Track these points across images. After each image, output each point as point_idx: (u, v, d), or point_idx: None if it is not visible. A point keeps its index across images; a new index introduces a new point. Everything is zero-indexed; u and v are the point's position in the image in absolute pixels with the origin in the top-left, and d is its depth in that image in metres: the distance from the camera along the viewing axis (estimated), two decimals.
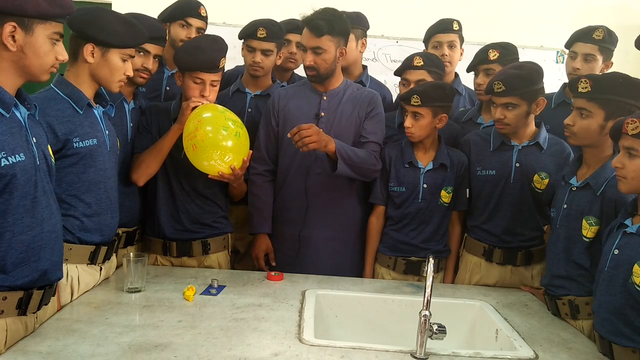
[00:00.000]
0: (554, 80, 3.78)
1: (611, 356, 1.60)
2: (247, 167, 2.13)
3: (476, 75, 2.56)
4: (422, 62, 2.43)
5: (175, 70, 2.61)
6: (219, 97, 2.24)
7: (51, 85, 1.80)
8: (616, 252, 1.61)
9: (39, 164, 1.49)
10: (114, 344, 1.50)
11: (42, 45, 1.45)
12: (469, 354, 1.61)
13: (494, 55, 2.47)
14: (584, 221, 1.86)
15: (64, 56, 1.52)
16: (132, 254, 1.93)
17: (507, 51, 2.49)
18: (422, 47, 2.92)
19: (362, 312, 2.04)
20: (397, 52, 4.08)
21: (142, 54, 2.13)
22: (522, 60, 2.45)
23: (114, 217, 1.93)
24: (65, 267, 1.73)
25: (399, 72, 2.53)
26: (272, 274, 2.18)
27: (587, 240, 1.86)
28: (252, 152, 2.12)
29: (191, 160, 2.04)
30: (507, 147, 2.26)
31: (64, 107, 1.76)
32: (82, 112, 1.78)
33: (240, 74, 2.70)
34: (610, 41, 2.53)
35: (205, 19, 2.64)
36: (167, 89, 2.64)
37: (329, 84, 2.34)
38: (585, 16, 3.90)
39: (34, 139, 1.49)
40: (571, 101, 1.95)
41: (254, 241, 2.43)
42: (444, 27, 2.78)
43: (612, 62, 2.58)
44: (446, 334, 1.55)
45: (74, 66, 1.81)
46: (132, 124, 2.21)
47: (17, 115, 1.46)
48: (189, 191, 2.26)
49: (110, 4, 3.75)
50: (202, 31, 2.62)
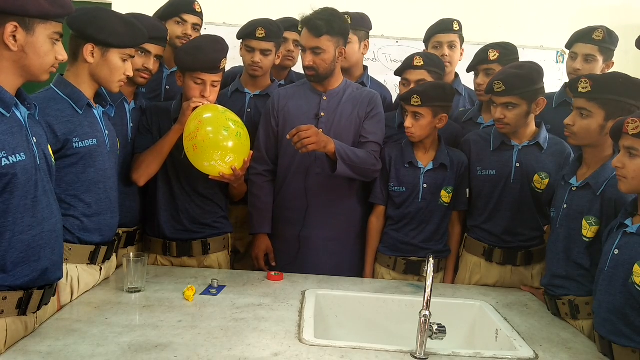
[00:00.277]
0: (554, 80, 3.78)
1: (611, 356, 1.60)
2: (247, 168, 2.13)
3: (476, 75, 2.56)
4: (422, 62, 2.43)
5: (174, 69, 2.62)
6: (218, 97, 2.24)
7: (51, 85, 1.80)
8: (616, 252, 1.61)
9: (39, 163, 1.49)
10: (114, 344, 1.50)
11: (43, 45, 1.45)
12: (469, 354, 1.61)
13: (494, 55, 2.47)
14: (584, 221, 1.86)
15: (63, 56, 1.52)
16: (132, 254, 1.93)
17: (507, 51, 2.49)
18: (422, 47, 2.92)
19: (362, 312, 2.04)
20: (397, 52, 4.08)
21: (142, 54, 2.13)
22: (522, 60, 2.46)
23: (114, 217, 1.93)
24: (65, 267, 1.72)
25: (399, 72, 2.53)
26: (272, 274, 2.18)
27: (587, 240, 1.86)
28: (252, 152, 2.12)
29: (192, 160, 2.03)
30: (508, 147, 2.26)
31: (63, 107, 1.76)
32: (81, 112, 1.78)
33: (238, 74, 2.70)
34: (610, 41, 2.53)
35: (200, 14, 2.63)
36: (167, 88, 2.64)
37: (329, 84, 2.34)
38: (585, 16, 3.90)
39: (34, 139, 1.49)
40: (572, 101, 1.94)
41: (253, 241, 2.43)
42: (444, 27, 2.78)
43: (613, 62, 2.58)
44: (446, 334, 1.55)
45: (73, 66, 1.81)
46: (132, 124, 2.21)
47: (18, 115, 1.46)
48: (189, 191, 2.26)
49: (110, 4, 3.75)
50: (197, 27, 2.61)
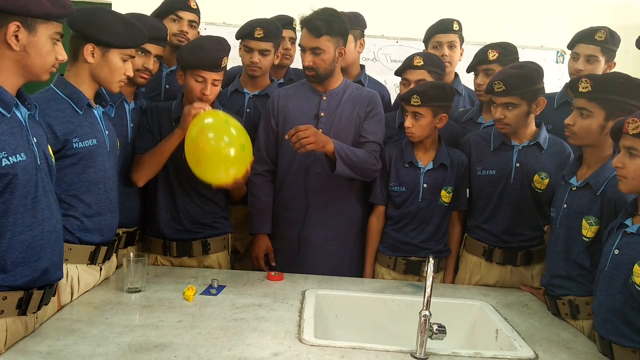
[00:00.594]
0: (554, 80, 3.79)
1: (611, 356, 1.60)
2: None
3: (476, 75, 2.56)
4: (422, 62, 2.43)
5: (173, 67, 2.62)
6: (217, 97, 2.24)
7: (51, 85, 1.80)
8: (616, 252, 1.61)
9: (39, 163, 1.49)
10: (114, 344, 1.50)
11: (44, 45, 1.46)
12: (469, 354, 1.61)
13: (493, 55, 2.47)
14: (584, 221, 1.86)
15: (63, 56, 1.52)
16: (132, 254, 1.93)
17: (507, 51, 2.49)
18: (422, 47, 2.92)
19: (362, 312, 2.04)
20: (397, 52, 4.08)
21: (142, 54, 2.13)
22: (522, 60, 2.46)
23: (114, 217, 1.93)
24: (65, 267, 1.72)
25: (399, 72, 2.53)
26: (272, 274, 2.18)
27: (587, 240, 1.86)
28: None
29: (194, 171, 1.99)
30: (508, 147, 2.26)
31: (63, 107, 1.75)
32: (81, 113, 1.78)
33: (238, 74, 2.70)
34: (612, 42, 2.53)
35: (196, 11, 2.63)
36: (167, 87, 2.64)
37: (329, 84, 2.34)
38: (585, 16, 3.90)
39: (34, 139, 1.49)
40: (573, 101, 1.94)
41: (253, 241, 2.43)
42: (444, 27, 2.78)
43: (615, 63, 2.58)
44: (446, 334, 1.55)
45: (74, 66, 1.80)
46: (132, 124, 2.21)
47: (18, 115, 1.46)
48: (189, 191, 2.26)
49: (110, 4, 3.75)
50: (194, 24, 2.61)
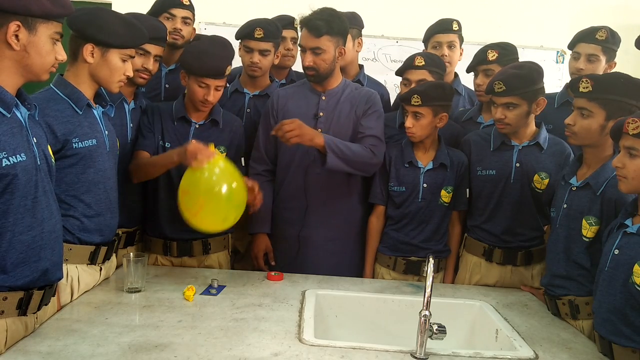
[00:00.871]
0: (554, 80, 3.79)
1: (611, 356, 1.60)
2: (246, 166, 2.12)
3: (476, 75, 2.56)
4: (423, 62, 2.42)
5: (172, 67, 2.63)
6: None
7: (51, 85, 1.79)
8: (616, 252, 1.61)
9: (39, 164, 1.49)
10: (114, 344, 1.50)
11: (44, 44, 1.46)
12: (469, 354, 1.61)
13: (492, 55, 2.46)
14: (584, 221, 1.86)
15: (63, 56, 1.52)
16: (132, 254, 1.93)
17: (506, 51, 2.49)
18: (422, 47, 2.92)
19: (362, 312, 2.03)
20: (397, 52, 4.08)
21: (142, 54, 2.13)
22: (522, 60, 2.46)
23: (113, 217, 1.93)
24: (65, 267, 1.72)
25: (400, 72, 2.52)
26: (272, 274, 2.18)
27: (587, 240, 1.86)
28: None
29: (184, 215, 1.90)
30: (508, 147, 2.26)
31: (63, 107, 1.75)
32: (81, 113, 1.78)
33: (237, 74, 2.70)
34: (613, 41, 2.53)
35: (189, 7, 2.62)
36: (167, 86, 2.64)
37: (328, 84, 2.34)
38: (585, 16, 3.90)
39: (34, 139, 1.49)
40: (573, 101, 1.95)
41: (253, 241, 2.43)
42: (444, 27, 2.78)
43: (616, 63, 2.58)
44: (446, 334, 1.55)
45: (73, 66, 1.80)
46: (132, 125, 2.20)
47: (18, 115, 1.46)
48: None
49: (110, 4, 3.75)
50: (188, 20, 2.61)
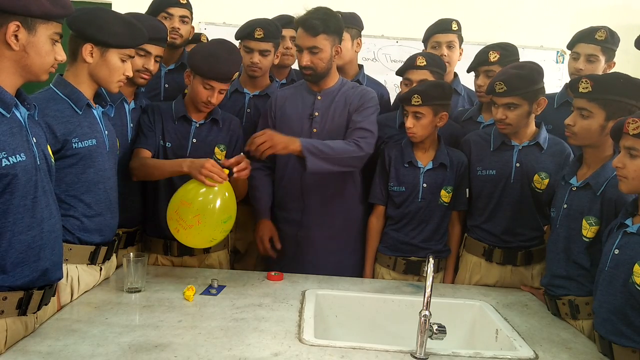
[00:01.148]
0: (554, 80, 3.79)
1: (611, 356, 1.60)
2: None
3: (477, 76, 2.55)
4: (425, 62, 2.42)
5: (171, 66, 2.63)
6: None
7: (50, 85, 1.79)
8: (616, 251, 1.61)
9: (39, 164, 1.49)
10: (114, 344, 1.50)
11: (44, 45, 1.46)
12: (469, 354, 1.60)
13: (494, 56, 2.46)
14: (584, 221, 1.86)
15: (62, 56, 1.52)
16: (132, 254, 1.93)
17: (508, 52, 2.49)
18: (422, 47, 2.92)
19: (362, 312, 2.04)
20: (397, 52, 4.08)
21: (143, 55, 2.13)
22: (522, 60, 2.45)
23: (113, 217, 1.93)
24: (65, 267, 1.72)
25: (401, 72, 2.52)
26: (272, 274, 2.18)
27: (587, 240, 1.86)
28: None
29: (171, 229, 1.97)
30: (508, 147, 2.26)
31: (63, 107, 1.75)
32: (81, 113, 1.78)
33: (237, 74, 2.70)
34: (612, 41, 2.53)
35: (187, 6, 2.62)
36: (166, 86, 2.64)
37: (324, 83, 2.34)
38: (585, 16, 3.90)
39: (34, 139, 1.49)
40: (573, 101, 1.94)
41: (257, 226, 2.41)
42: (443, 27, 2.78)
43: (615, 63, 2.58)
44: (446, 334, 1.55)
45: (73, 66, 1.80)
46: (132, 124, 2.20)
47: (18, 115, 1.46)
48: None
49: (110, 4, 3.75)
50: (186, 19, 2.60)
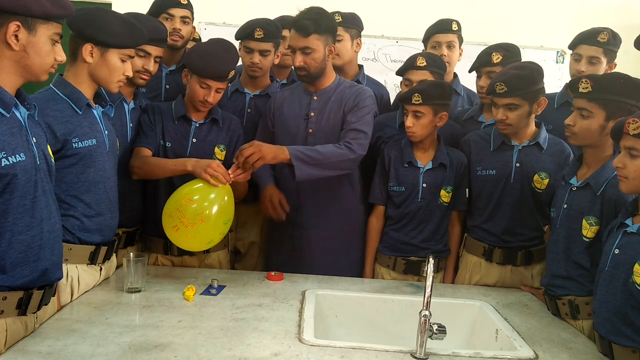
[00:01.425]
0: (554, 80, 3.79)
1: (611, 356, 1.60)
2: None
3: (479, 77, 2.54)
4: (425, 63, 2.42)
5: (172, 67, 2.62)
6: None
7: (50, 85, 1.79)
8: (617, 251, 1.61)
9: (39, 163, 1.49)
10: (114, 344, 1.50)
11: (44, 45, 1.46)
12: (469, 354, 1.60)
13: (497, 58, 2.45)
14: (584, 221, 1.86)
15: (62, 57, 1.52)
16: (132, 254, 1.93)
17: (510, 53, 2.47)
18: (422, 47, 2.92)
19: (362, 312, 2.04)
20: (397, 52, 4.08)
21: (143, 55, 2.13)
22: (522, 60, 2.45)
23: (113, 217, 1.93)
24: (65, 267, 1.73)
25: (401, 72, 2.52)
26: (272, 274, 2.18)
27: (587, 240, 1.86)
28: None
29: (165, 228, 1.98)
30: (508, 147, 2.26)
31: (63, 107, 1.75)
32: (81, 113, 1.78)
33: (238, 74, 2.70)
34: (614, 43, 2.53)
35: (188, 6, 2.62)
36: (167, 87, 2.64)
37: (320, 83, 2.34)
38: (585, 16, 3.91)
39: (34, 139, 1.49)
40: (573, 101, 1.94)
41: (263, 192, 2.37)
42: (443, 27, 2.78)
43: (616, 64, 2.58)
44: (446, 334, 1.55)
45: (73, 66, 1.80)
46: (132, 124, 2.21)
47: (17, 115, 1.46)
48: None
49: (110, 4, 3.75)
50: (187, 19, 2.60)
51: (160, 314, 1.74)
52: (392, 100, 2.85)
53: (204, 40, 2.74)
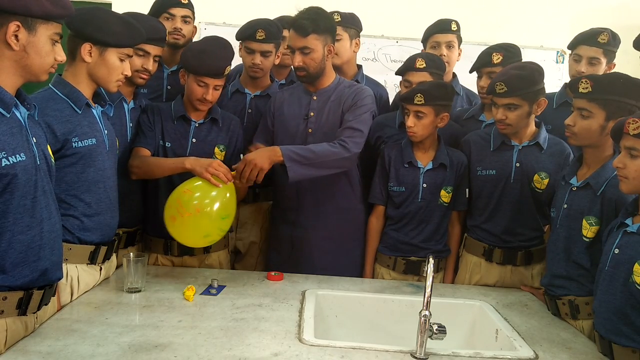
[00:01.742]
0: (554, 80, 3.78)
1: (611, 356, 1.60)
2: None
3: (479, 77, 2.54)
4: (424, 65, 2.41)
5: (174, 68, 2.62)
6: (218, 98, 2.24)
7: (49, 85, 1.79)
8: (617, 251, 1.61)
9: (39, 163, 1.49)
10: (114, 344, 1.50)
11: (44, 45, 1.46)
12: (469, 354, 1.61)
13: (497, 58, 2.44)
14: (584, 221, 1.86)
15: (62, 57, 1.53)
16: (132, 254, 1.93)
17: (511, 54, 2.47)
18: (422, 47, 2.92)
19: (362, 312, 2.04)
20: (397, 52, 4.08)
21: (142, 55, 2.13)
22: (522, 60, 2.45)
23: (113, 217, 1.93)
24: (65, 267, 1.72)
25: (400, 73, 2.52)
26: (272, 274, 2.18)
27: (587, 240, 1.86)
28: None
29: (165, 218, 1.99)
30: (508, 147, 2.26)
31: (62, 107, 1.75)
32: (80, 112, 1.78)
33: (238, 74, 2.70)
34: (614, 44, 2.53)
35: (189, 5, 2.62)
36: (169, 87, 2.64)
37: (319, 83, 2.33)
38: (585, 16, 3.90)
39: (34, 139, 1.49)
40: (573, 101, 1.94)
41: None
42: (442, 27, 2.77)
43: (615, 64, 2.58)
44: (446, 334, 1.55)
45: (72, 66, 1.80)
46: (131, 124, 2.20)
47: (17, 115, 1.46)
48: None
49: (110, 4, 3.75)
50: (188, 19, 2.61)
51: (160, 314, 1.74)
52: (391, 100, 2.85)
53: None
